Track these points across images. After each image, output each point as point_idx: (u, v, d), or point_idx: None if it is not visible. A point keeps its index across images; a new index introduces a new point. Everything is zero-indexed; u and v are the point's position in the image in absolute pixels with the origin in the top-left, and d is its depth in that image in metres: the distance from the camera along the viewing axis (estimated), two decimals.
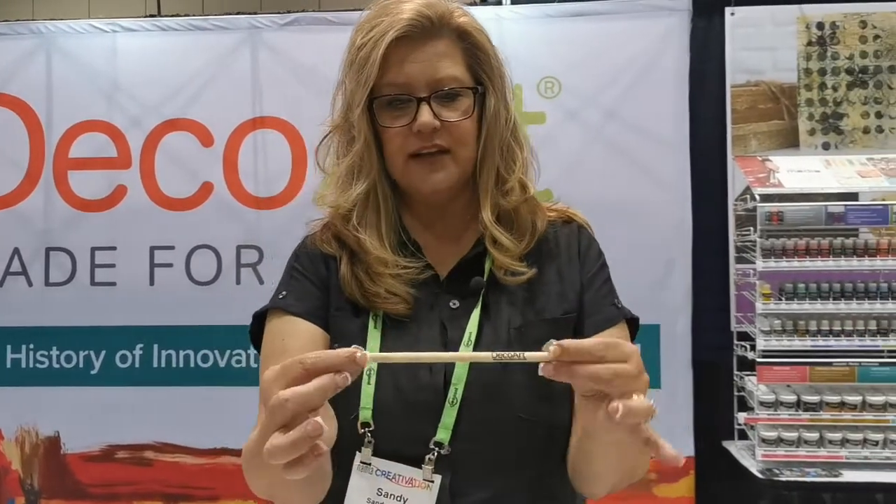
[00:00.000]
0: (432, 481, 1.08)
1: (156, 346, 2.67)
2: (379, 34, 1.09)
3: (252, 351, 2.60)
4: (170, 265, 2.68)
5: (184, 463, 2.63)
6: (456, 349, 1.10)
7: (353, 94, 1.14)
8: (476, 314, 1.13)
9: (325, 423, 0.82)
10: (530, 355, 0.83)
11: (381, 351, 1.11)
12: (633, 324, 1.20)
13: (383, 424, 1.09)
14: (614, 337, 1.15)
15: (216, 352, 2.64)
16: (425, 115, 1.09)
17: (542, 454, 1.13)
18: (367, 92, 1.10)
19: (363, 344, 1.12)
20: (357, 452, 1.09)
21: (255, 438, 0.98)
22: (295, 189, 2.66)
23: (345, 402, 1.09)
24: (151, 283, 2.68)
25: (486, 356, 0.83)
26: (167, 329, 2.67)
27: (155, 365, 2.67)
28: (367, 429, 1.09)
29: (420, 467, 1.09)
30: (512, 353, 0.83)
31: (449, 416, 1.08)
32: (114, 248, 2.70)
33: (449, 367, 1.10)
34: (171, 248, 2.68)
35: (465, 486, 1.10)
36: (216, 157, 2.69)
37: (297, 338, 1.16)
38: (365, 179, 1.14)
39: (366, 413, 1.09)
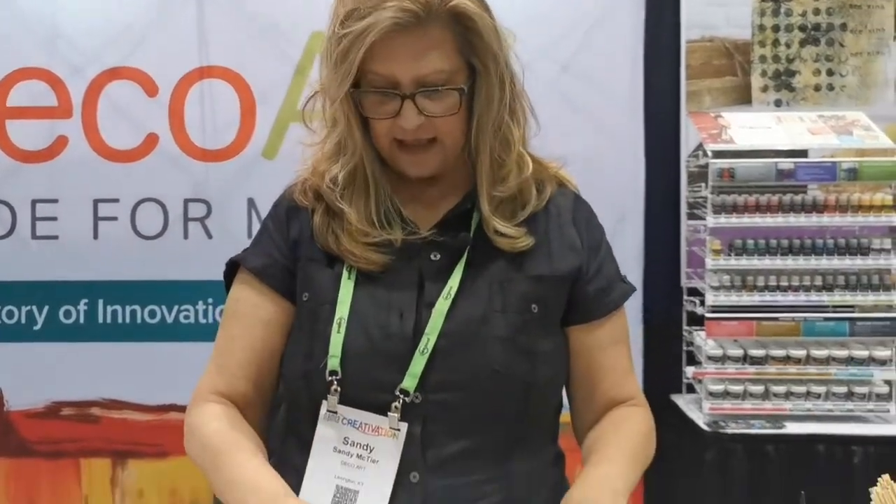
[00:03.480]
0: (398, 430, 1.09)
1: (101, 302, 2.61)
2: (360, 31, 1.03)
3: (200, 307, 2.56)
4: (114, 219, 2.60)
5: (131, 420, 2.60)
6: (432, 303, 1.10)
7: (329, 87, 1.10)
8: (460, 268, 1.12)
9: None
10: None
11: (351, 301, 1.11)
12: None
13: (350, 372, 1.09)
14: (617, 320, 1.19)
15: (163, 307, 2.59)
16: (409, 114, 1.06)
17: (517, 410, 1.13)
18: (344, 89, 1.07)
19: (334, 293, 1.12)
20: (323, 401, 1.09)
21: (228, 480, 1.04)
22: (243, 141, 2.59)
23: (314, 352, 1.09)
24: (95, 236, 2.61)
25: None
26: (113, 284, 2.61)
27: (100, 321, 2.61)
28: (334, 377, 1.09)
29: (387, 416, 1.09)
30: None
31: (417, 364, 1.08)
32: (55, 201, 2.62)
33: (422, 316, 1.10)
34: (116, 200, 2.61)
35: (437, 437, 1.10)
36: (161, 108, 2.61)
37: (247, 303, 1.18)
38: (350, 159, 1.13)
39: (333, 361, 1.09)
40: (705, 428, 2.44)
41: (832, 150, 2.56)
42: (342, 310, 1.10)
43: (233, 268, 1.22)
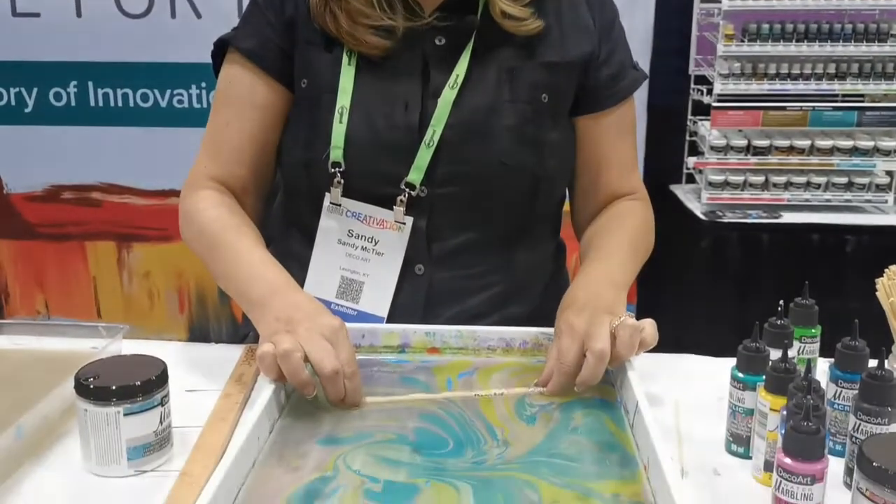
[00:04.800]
0: (404, 223, 1.08)
1: (91, 84, 2.53)
2: None
3: (194, 91, 2.49)
4: None
5: (133, 204, 2.60)
6: (437, 93, 1.06)
7: None
8: (467, 55, 1.06)
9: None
10: (510, 392, 0.93)
11: (353, 90, 1.06)
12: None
13: (354, 164, 1.06)
14: (626, 109, 1.14)
15: (156, 91, 2.51)
16: None
17: (523, 203, 1.12)
18: None
19: (334, 80, 1.07)
20: (326, 193, 1.08)
21: (236, 273, 1.03)
22: None
23: (316, 141, 1.07)
24: (79, 14, 2.48)
25: (468, 395, 0.92)
26: (101, 65, 2.51)
27: (92, 104, 2.54)
28: (337, 169, 1.07)
29: (392, 209, 1.08)
30: (496, 391, 0.93)
31: (423, 157, 1.05)
32: None
33: (427, 107, 1.06)
34: None
35: (442, 230, 1.10)
36: None
37: (240, 86, 1.12)
38: None
39: (336, 152, 1.06)
40: (702, 217, 2.46)
41: None
42: (344, 99, 1.06)
43: (222, 48, 1.15)
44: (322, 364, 0.87)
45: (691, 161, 2.56)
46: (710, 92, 2.46)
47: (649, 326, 0.94)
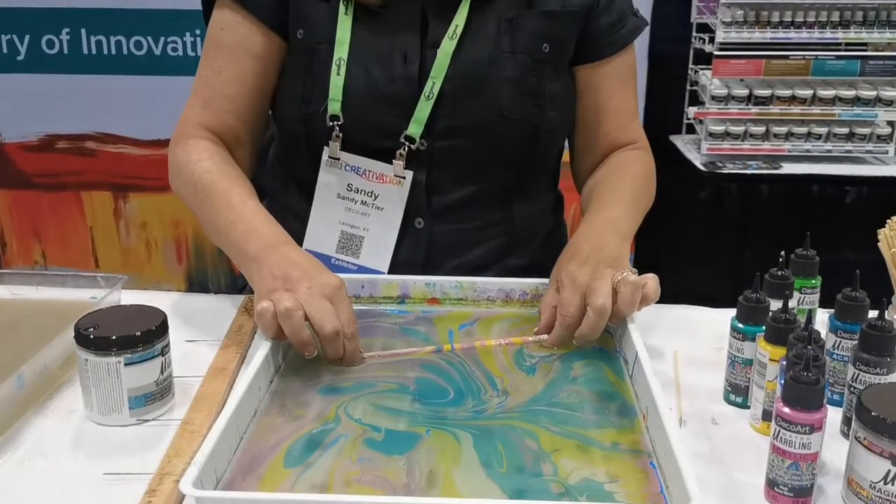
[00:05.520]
0: (404, 177, 1.07)
1: (83, 31, 2.49)
2: None
3: (188, 39, 2.45)
4: None
5: (128, 154, 2.58)
6: (437, 44, 1.04)
7: None
8: (466, 4, 1.04)
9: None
10: (508, 342, 0.93)
11: (351, 41, 1.04)
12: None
13: (352, 117, 1.04)
14: (626, 58, 1.12)
15: (149, 39, 2.47)
16: None
17: (523, 156, 1.11)
18: None
19: (331, 31, 1.05)
20: (325, 147, 1.06)
21: (232, 226, 1.00)
22: None
23: (313, 94, 1.05)
24: None
25: (468, 346, 0.92)
26: (94, 12, 2.47)
27: (85, 52, 2.51)
28: (335, 122, 1.05)
29: (391, 163, 1.07)
30: (496, 341, 0.92)
31: (423, 110, 1.03)
32: None
33: (427, 59, 1.04)
34: None
35: (442, 184, 1.09)
36: None
37: (233, 33, 1.09)
38: None
39: (335, 105, 1.04)
40: (702, 168, 2.45)
41: None
42: (341, 50, 1.04)
43: None
44: (323, 324, 0.86)
45: (692, 111, 2.54)
46: (711, 40, 2.42)
47: (651, 282, 0.93)
